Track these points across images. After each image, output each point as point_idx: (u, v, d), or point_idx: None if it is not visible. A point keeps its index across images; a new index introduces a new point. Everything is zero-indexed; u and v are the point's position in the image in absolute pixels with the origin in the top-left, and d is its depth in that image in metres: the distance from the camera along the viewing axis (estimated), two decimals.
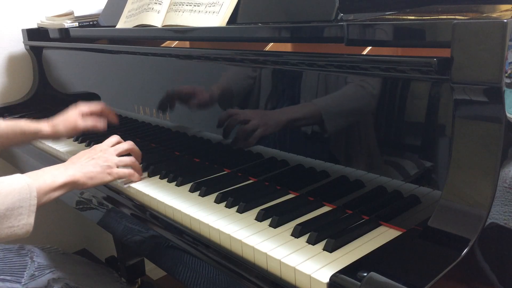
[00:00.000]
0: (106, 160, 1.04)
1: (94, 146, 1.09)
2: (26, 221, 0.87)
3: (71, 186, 0.96)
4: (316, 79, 0.89)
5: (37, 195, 0.88)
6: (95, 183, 1.01)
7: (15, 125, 1.26)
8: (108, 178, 1.03)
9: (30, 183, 0.88)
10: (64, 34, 1.64)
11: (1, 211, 0.83)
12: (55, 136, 1.28)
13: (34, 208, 0.87)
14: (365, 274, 0.62)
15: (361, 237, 0.78)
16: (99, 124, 1.28)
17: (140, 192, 1.05)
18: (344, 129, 0.88)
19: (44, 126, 1.27)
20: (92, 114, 1.31)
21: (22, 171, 1.58)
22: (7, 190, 0.84)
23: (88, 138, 1.42)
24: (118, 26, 1.45)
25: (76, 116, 1.27)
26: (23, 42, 1.86)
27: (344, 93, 0.86)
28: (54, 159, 1.38)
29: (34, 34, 1.81)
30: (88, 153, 1.05)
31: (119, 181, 1.09)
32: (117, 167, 1.06)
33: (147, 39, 1.45)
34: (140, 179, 1.10)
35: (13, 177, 0.88)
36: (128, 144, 1.11)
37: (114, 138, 1.12)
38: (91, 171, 1.00)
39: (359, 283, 0.62)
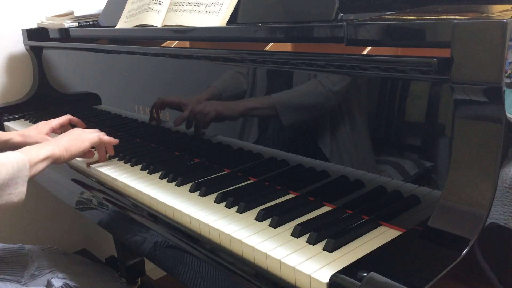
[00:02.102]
0: (77, 134, 1.19)
1: (73, 130, 1.23)
2: (20, 189, 0.96)
3: (52, 159, 1.08)
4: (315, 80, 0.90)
5: (29, 166, 1.00)
6: (70, 154, 1.14)
7: None
8: (80, 148, 1.16)
9: (23, 157, 1.00)
10: (64, 34, 1.64)
11: (5, 179, 0.93)
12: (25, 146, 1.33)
13: (26, 178, 0.98)
14: (365, 274, 0.62)
15: (361, 237, 0.78)
16: None
17: (140, 192, 1.05)
18: (344, 129, 0.87)
19: (15, 135, 1.31)
20: (62, 126, 1.41)
21: None
22: (11, 162, 0.95)
23: None
24: (118, 26, 1.45)
25: (47, 130, 1.36)
26: (23, 42, 1.86)
27: (343, 93, 0.86)
28: None
29: (34, 34, 1.81)
30: (64, 134, 1.20)
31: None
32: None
33: (147, 39, 1.45)
34: (116, 142, 1.25)
35: (10, 153, 1.00)
36: (98, 137, 1.23)
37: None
38: (64, 144, 1.13)
39: (359, 283, 0.62)
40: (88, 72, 1.60)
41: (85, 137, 1.19)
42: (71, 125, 1.43)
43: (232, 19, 1.12)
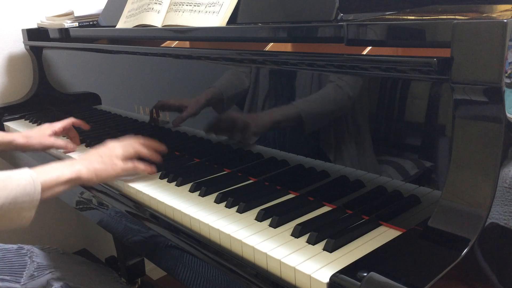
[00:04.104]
0: (110, 155, 1.06)
1: (107, 143, 1.11)
2: (26, 214, 0.88)
3: (77, 181, 0.99)
4: (314, 81, 0.89)
5: (42, 189, 0.90)
6: (101, 178, 1.03)
7: None
8: (112, 174, 1.04)
9: (35, 178, 0.90)
10: (64, 34, 1.64)
11: (4, 204, 0.84)
12: (27, 148, 1.31)
13: (36, 203, 0.89)
14: (365, 274, 0.62)
15: (361, 237, 0.78)
16: (69, 146, 1.33)
17: (140, 192, 1.05)
18: (346, 129, 0.87)
19: (17, 137, 1.30)
20: (65, 129, 1.37)
21: (19, 167, 1.59)
22: (13, 184, 0.86)
23: (88, 138, 1.42)
24: (118, 26, 1.45)
25: (49, 132, 1.33)
26: (23, 42, 1.86)
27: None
28: (53, 159, 1.38)
29: (34, 34, 1.81)
30: (97, 150, 1.08)
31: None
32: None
33: (147, 39, 1.45)
34: (152, 172, 1.10)
35: (20, 171, 0.90)
36: (136, 141, 1.11)
37: (127, 138, 1.14)
38: (95, 167, 1.02)
39: (359, 283, 0.62)
40: (88, 72, 1.60)
41: (119, 162, 1.05)
42: (74, 128, 1.41)
43: (232, 19, 1.12)
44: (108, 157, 1.05)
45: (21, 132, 1.34)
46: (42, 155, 1.45)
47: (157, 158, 1.14)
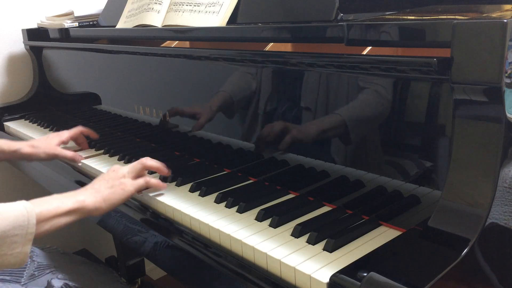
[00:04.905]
0: (117, 177, 0.98)
1: (108, 169, 1.03)
2: (20, 249, 0.79)
3: (82, 212, 0.90)
4: (317, 81, 0.89)
5: (37, 221, 0.82)
6: (111, 204, 0.94)
7: None
8: (123, 195, 0.96)
9: (29, 210, 0.82)
10: (64, 34, 1.64)
11: None
12: (33, 158, 1.29)
13: (31, 237, 0.81)
14: (365, 274, 0.62)
15: (361, 237, 0.78)
16: (77, 157, 1.29)
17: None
18: (344, 130, 0.87)
19: (24, 146, 1.28)
20: (72, 138, 1.35)
21: (24, 171, 1.58)
22: (3, 216, 0.79)
23: (87, 138, 1.42)
24: (118, 26, 1.45)
25: (56, 141, 1.30)
26: (23, 42, 1.86)
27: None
28: (57, 160, 1.38)
29: (34, 34, 1.81)
30: (103, 176, 1.00)
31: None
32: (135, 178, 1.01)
33: (147, 39, 1.45)
34: (164, 187, 1.03)
35: (14, 203, 0.82)
36: (139, 162, 1.03)
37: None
38: (102, 193, 0.94)
39: (359, 283, 0.62)
40: (88, 72, 1.60)
41: (128, 182, 0.97)
42: (83, 136, 1.38)
43: (232, 19, 1.12)
44: (115, 179, 0.97)
45: (27, 141, 1.32)
46: (55, 162, 1.43)
47: (167, 171, 1.06)
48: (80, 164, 1.28)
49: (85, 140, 1.39)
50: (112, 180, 0.97)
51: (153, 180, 1.01)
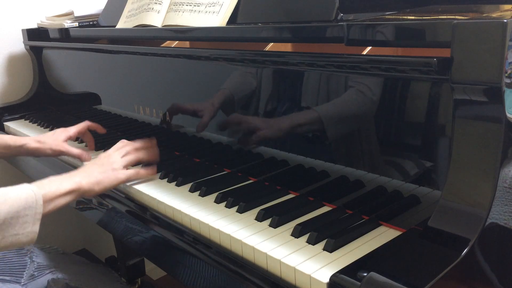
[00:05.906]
0: (110, 163, 1.05)
1: (100, 154, 1.10)
2: (31, 228, 0.86)
3: (78, 193, 0.97)
4: (317, 81, 0.90)
5: (43, 201, 0.89)
6: (102, 188, 1.02)
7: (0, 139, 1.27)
8: (115, 181, 1.03)
9: (36, 192, 0.88)
10: (64, 34, 1.64)
11: (6, 219, 0.83)
12: (40, 153, 1.28)
13: (39, 216, 0.87)
14: (365, 274, 0.62)
15: (361, 237, 0.78)
16: (84, 155, 1.27)
17: (140, 192, 1.05)
18: (344, 130, 0.87)
19: (30, 141, 1.27)
20: (80, 133, 1.34)
21: (23, 171, 1.58)
22: (13, 199, 0.85)
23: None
24: (118, 26, 1.45)
25: (63, 137, 1.29)
26: (23, 42, 1.86)
27: (344, 98, 0.86)
28: (55, 160, 1.38)
29: (34, 34, 1.81)
30: (95, 161, 1.07)
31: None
32: (127, 168, 1.07)
33: (147, 39, 1.45)
34: (153, 173, 1.10)
35: (19, 186, 0.89)
36: (131, 146, 1.11)
37: (120, 143, 1.12)
38: (96, 176, 1.01)
39: (359, 283, 0.62)
40: (88, 72, 1.60)
41: (120, 170, 1.06)
42: (90, 131, 1.37)
43: (232, 19, 1.12)
44: (108, 165, 1.04)
45: (34, 137, 1.31)
46: (54, 162, 1.42)
47: (156, 160, 1.13)
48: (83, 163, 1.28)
49: (92, 139, 1.36)
50: (106, 166, 1.04)
51: (143, 171, 1.09)
